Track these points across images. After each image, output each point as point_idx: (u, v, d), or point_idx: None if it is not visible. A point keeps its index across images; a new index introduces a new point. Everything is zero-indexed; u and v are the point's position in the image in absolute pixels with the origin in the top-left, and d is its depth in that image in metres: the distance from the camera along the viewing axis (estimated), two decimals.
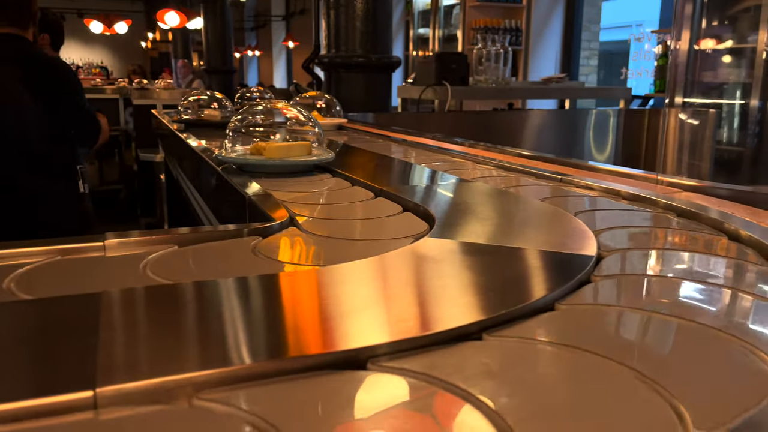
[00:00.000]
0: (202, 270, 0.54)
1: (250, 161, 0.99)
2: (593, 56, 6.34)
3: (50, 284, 0.50)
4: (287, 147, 1.02)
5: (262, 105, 1.12)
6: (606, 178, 0.94)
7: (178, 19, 7.97)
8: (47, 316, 0.40)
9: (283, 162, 0.99)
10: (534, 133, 2.89)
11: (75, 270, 0.53)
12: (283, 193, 0.83)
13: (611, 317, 0.41)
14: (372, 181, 0.89)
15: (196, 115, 1.92)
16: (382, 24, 2.58)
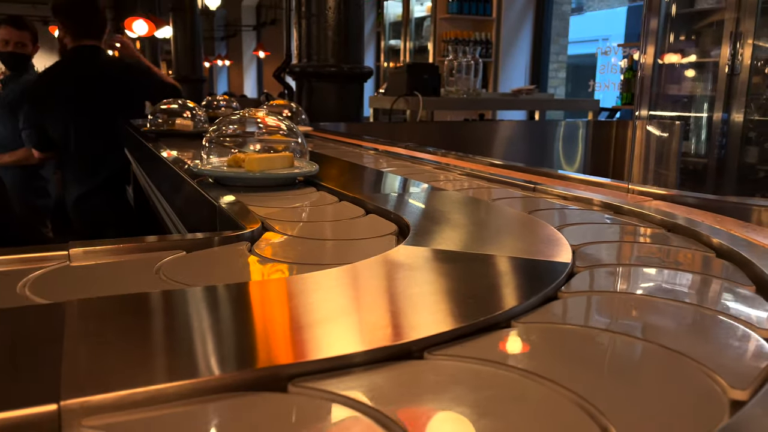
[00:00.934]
0: (166, 278, 0.53)
1: (228, 174, 0.93)
2: (562, 69, 6.46)
3: (16, 293, 0.48)
4: (268, 159, 0.96)
5: (241, 114, 1.06)
6: (578, 187, 0.95)
7: (146, 27, 7.87)
8: (9, 326, 0.38)
9: (264, 175, 0.92)
10: (505, 144, 2.92)
11: (42, 279, 0.51)
12: (264, 209, 0.78)
13: (568, 336, 0.39)
14: (359, 194, 0.85)
15: (167, 125, 1.85)
16: (354, 34, 2.59)
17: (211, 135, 1.02)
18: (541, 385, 0.32)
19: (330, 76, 2.55)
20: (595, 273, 0.52)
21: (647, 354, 0.36)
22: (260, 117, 1.05)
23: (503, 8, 6.10)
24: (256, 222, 0.67)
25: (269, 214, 0.74)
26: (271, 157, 0.97)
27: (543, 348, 0.37)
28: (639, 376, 0.34)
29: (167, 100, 1.95)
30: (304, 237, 0.65)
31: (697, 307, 0.44)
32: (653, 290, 0.48)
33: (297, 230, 0.68)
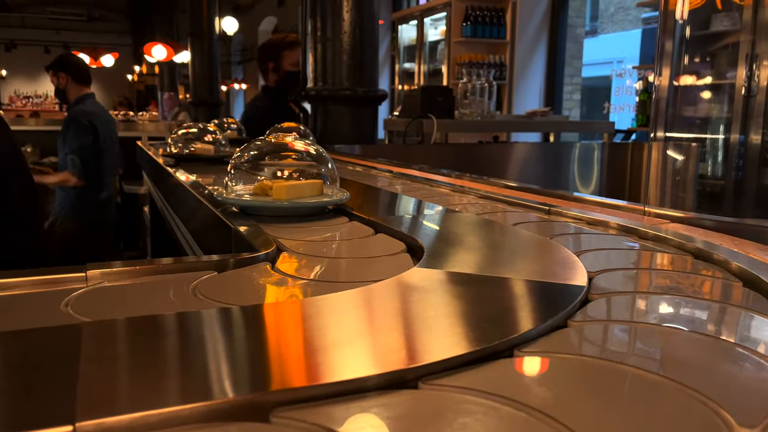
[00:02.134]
0: (182, 300, 0.53)
1: (254, 203, 0.87)
2: (576, 91, 6.46)
3: (32, 314, 0.49)
4: (297, 186, 0.89)
5: (268, 139, 1.00)
6: (594, 209, 0.94)
7: (165, 52, 8.03)
8: (26, 347, 0.38)
9: (293, 204, 0.87)
10: (519, 166, 2.91)
11: (57, 301, 0.51)
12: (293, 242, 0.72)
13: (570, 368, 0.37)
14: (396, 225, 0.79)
15: (188, 149, 1.78)
16: (368, 58, 2.62)
17: (235, 161, 0.96)
18: (537, 420, 0.30)
19: (345, 99, 2.58)
20: (608, 301, 0.50)
21: (652, 388, 0.34)
22: (288, 142, 0.99)
23: (517, 31, 6.13)
24: (271, 244, 0.67)
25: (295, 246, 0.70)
26: (300, 184, 0.90)
27: (542, 380, 0.36)
28: (641, 411, 0.32)
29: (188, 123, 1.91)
30: (328, 281, 0.65)
31: (714, 339, 0.42)
32: (668, 320, 0.46)
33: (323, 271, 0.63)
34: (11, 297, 0.52)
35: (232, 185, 0.94)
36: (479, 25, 6.08)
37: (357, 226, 0.83)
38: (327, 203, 0.89)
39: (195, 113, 6.59)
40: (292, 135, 1.02)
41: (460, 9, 6.07)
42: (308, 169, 0.96)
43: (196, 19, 6.80)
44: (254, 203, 0.87)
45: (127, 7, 14.74)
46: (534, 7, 6.21)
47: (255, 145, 0.98)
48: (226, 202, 0.90)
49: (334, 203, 0.90)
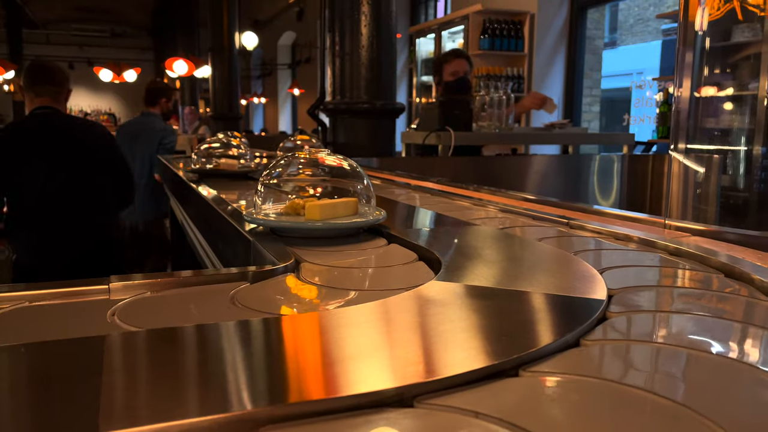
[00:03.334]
0: (203, 312, 0.54)
1: (285, 224, 0.82)
2: (595, 103, 6.43)
3: (55, 327, 0.50)
4: (331, 205, 0.83)
5: (300, 154, 0.93)
6: (614, 222, 0.93)
7: (186, 67, 8.15)
8: (50, 359, 0.39)
9: (327, 225, 0.81)
10: (538, 178, 2.90)
11: (79, 312, 0.52)
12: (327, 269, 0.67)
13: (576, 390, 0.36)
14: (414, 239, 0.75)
15: (212, 164, 1.74)
16: (386, 72, 2.63)
17: (265, 178, 0.90)
18: None
19: (363, 113, 2.60)
20: (626, 318, 0.49)
21: (660, 414, 0.33)
22: (320, 157, 0.92)
23: (535, 44, 6.13)
24: (289, 257, 0.68)
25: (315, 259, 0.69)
26: (333, 203, 0.84)
27: (547, 402, 0.35)
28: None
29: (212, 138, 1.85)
30: (344, 289, 0.65)
31: (732, 361, 0.40)
32: (688, 341, 0.44)
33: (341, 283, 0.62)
34: (39, 308, 0.53)
35: (261, 204, 0.88)
36: (497, 37, 6.09)
37: (398, 250, 0.76)
38: (362, 224, 0.83)
39: (215, 127, 6.67)
40: (325, 150, 0.93)
41: (477, 22, 6.09)
42: (342, 186, 0.89)
43: (216, 35, 6.91)
44: (284, 224, 0.82)
45: (149, 23, 15.02)
46: (552, 19, 6.21)
47: (285, 161, 0.92)
48: (255, 222, 0.84)
49: (369, 224, 0.84)
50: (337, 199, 0.86)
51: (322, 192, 0.89)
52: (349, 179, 0.90)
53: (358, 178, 0.90)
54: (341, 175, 0.90)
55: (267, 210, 0.87)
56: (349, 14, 2.53)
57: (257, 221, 0.84)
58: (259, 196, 0.89)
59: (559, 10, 6.23)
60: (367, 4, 2.51)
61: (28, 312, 0.52)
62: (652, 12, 10.56)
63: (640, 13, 11.52)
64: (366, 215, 0.85)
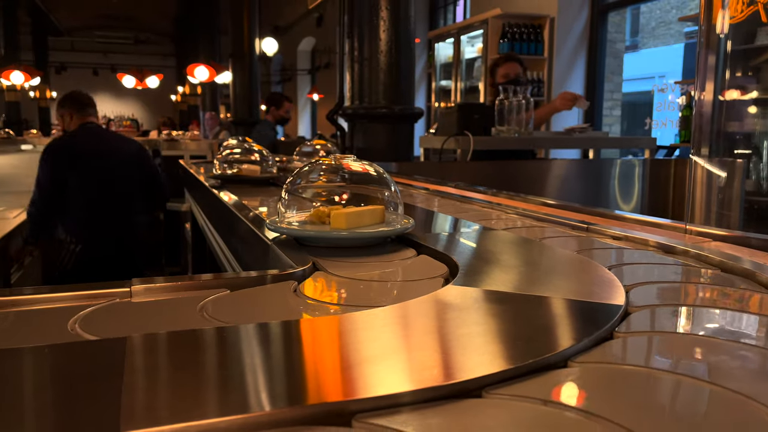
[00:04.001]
0: (221, 315, 0.54)
1: (309, 234, 0.79)
2: (616, 107, 6.37)
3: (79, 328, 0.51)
4: (357, 214, 0.80)
5: (323, 161, 0.90)
6: (633, 228, 0.93)
7: (207, 73, 8.25)
8: (73, 360, 0.40)
9: (353, 234, 0.78)
10: (558, 183, 2.88)
11: (102, 315, 0.53)
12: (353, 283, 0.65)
13: (627, 377, 0.38)
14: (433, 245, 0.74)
15: (234, 169, 1.73)
16: (405, 76, 2.64)
17: (288, 186, 0.88)
18: (602, 426, 0.31)
19: (381, 117, 2.60)
20: (649, 313, 0.50)
21: (710, 397, 0.35)
22: (345, 164, 0.89)
23: (555, 48, 6.10)
24: (307, 261, 0.68)
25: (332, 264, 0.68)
26: (360, 212, 0.81)
27: (602, 388, 0.37)
28: (702, 419, 0.33)
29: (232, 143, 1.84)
30: (363, 296, 0.66)
31: (762, 350, 0.42)
32: (713, 331, 0.46)
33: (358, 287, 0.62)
34: (61, 309, 0.54)
35: (285, 212, 0.86)
36: (516, 41, 6.07)
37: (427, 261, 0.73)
38: (389, 233, 0.80)
39: (235, 132, 6.73)
40: (351, 156, 0.90)
41: (497, 26, 6.07)
42: (369, 193, 0.86)
43: (237, 41, 6.99)
44: (308, 233, 0.79)
45: (171, 30, 15.23)
46: (572, 23, 6.18)
47: (309, 167, 0.90)
48: (279, 230, 0.81)
49: (397, 233, 0.81)
50: (364, 207, 0.83)
51: (348, 199, 0.85)
52: (376, 186, 0.87)
53: (385, 184, 0.87)
54: (367, 182, 0.88)
55: (291, 218, 0.85)
56: (368, 19, 2.54)
57: (280, 230, 0.81)
58: (282, 203, 0.86)
59: (579, 13, 6.19)
60: (386, 9, 2.52)
61: (47, 313, 0.53)
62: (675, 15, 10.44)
63: (662, 15, 11.41)
64: (393, 223, 0.83)
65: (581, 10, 6.17)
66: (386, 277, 0.68)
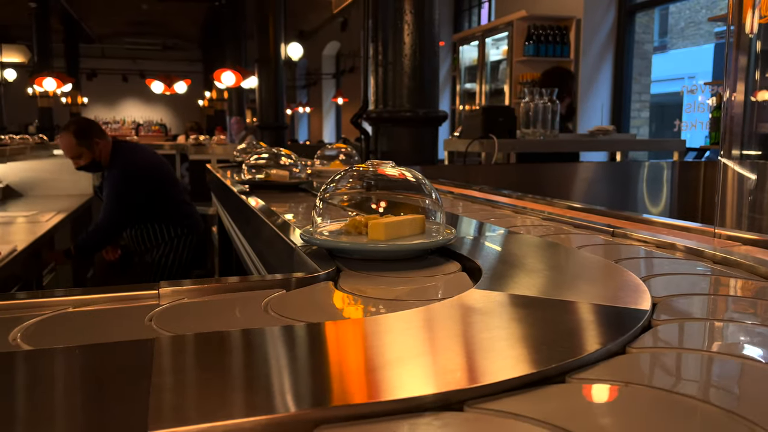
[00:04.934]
0: (247, 317, 0.55)
1: (344, 245, 0.74)
2: (645, 108, 6.28)
3: (109, 330, 0.52)
4: (397, 223, 0.76)
5: (361, 167, 0.84)
6: (660, 231, 0.91)
7: (234, 78, 8.35)
8: (102, 360, 0.41)
9: (391, 246, 0.73)
10: (584, 186, 2.85)
11: (129, 316, 0.55)
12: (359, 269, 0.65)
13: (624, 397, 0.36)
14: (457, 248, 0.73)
15: (262, 175, 1.70)
16: (429, 80, 2.64)
17: (323, 194, 0.83)
18: None
19: (405, 121, 2.61)
20: (671, 328, 0.49)
21: (710, 421, 0.33)
22: (382, 170, 0.83)
23: (581, 50, 6.04)
24: (331, 264, 0.69)
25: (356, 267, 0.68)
26: (399, 222, 0.76)
27: (594, 409, 0.35)
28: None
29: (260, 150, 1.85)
30: (387, 299, 0.66)
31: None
32: (735, 349, 0.44)
33: (382, 290, 0.64)
34: (92, 312, 0.55)
35: (319, 221, 0.81)
36: (542, 43, 6.02)
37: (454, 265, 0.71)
38: (430, 245, 0.75)
39: (261, 136, 6.80)
40: (389, 162, 0.84)
41: (522, 28, 6.03)
42: (408, 201, 0.81)
43: (263, 46, 7.05)
44: (344, 245, 0.74)
45: (198, 36, 15.46)
46: (599, 24, 6.11)
47: (345, 174, 0.84)
48: (312, 242, 0.77)
49: (438, 245, 0.76)
50: (403, 216, 0.78)
51: (386, 208, 0.80)
52: (415, 193, 0.82)
53: (425, 192, 0.82)
54: (406, 189, 0.82)
55: (326, 228, 0.81)
56: (392, 23, 2.55)
57: (314, 241, 0.76)
58: (317, 212, 0.82)
59: (606, 14, 6.12)
60: (410, 13, 2.53)
61: (82, 316, 0.55)
62: (704, 15, 10.26)
63: (691, 16, 11.21)
64: (434, 234, 0.78)
65: (608, 10, 6.10)
66: (410, 279, 0.68)
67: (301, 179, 1.69)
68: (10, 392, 0.37)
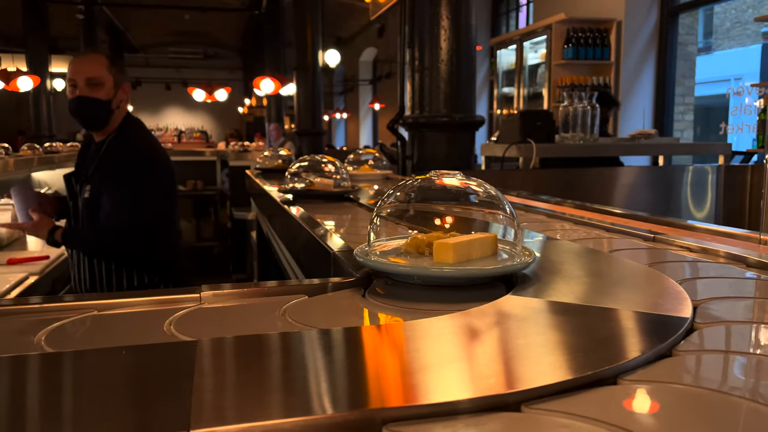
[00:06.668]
0: (285, 321, 0.56)
1: (407, 271, 0.64)
2: (688, 111, 6.12)
3: (149, 331, 0.54)
4: (466, 244, 0.65)
5: (421, 178, 0.74)
6: (703, 237, 0.89)
7: (273, 86, 8.47)
8: (147, 361, 0.42)
9: (459, 272, 0.62)
10: (625, 191, 2.79)
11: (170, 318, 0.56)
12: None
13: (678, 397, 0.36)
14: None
15: (305, 184, 1.62)
16: (466, 85, 2.63)
17: (380, 209, 0.74)
18: None
19: (441, 126, 2.60)
20: (715, 330, 0.48)
21: (760, 419, 0.33)
22: (445, 182, 0.73)
23: (622, 52, 5.93)
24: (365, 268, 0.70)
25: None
26: (468, 242, 0.66)
27: (650, 408, 0.35)
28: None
29: (306, 156, 1.76)
30: (423, 306, 0.66)
31: None
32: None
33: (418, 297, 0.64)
34: (136, 314, 0.57)
35: (375, 238, 0.72)
36: (581, 46, 5.93)
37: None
38: (505, 270, 0.63)
39: (299, 142, 6.88)
40: (455, 173, 0.73)
41: (561, 31, 5.96)
42: (477, 216, 0.72)
43: (301, 53, 7.14)
44: (406, 270, 0.64)
45: (239, 44, 15.74)
46: (641, 25, 5.99)
47: (405, 186, 0.75)
48: (367, 264, 0.66)
49: (514, 270, 0.64)
50: (472, 235, 0.68)
51: (451, 225, 0.70)
52: (485, 208, 0.71)
53: (498, 205, 0.71)
54: (475, 203, 0.72)
55: (382, 246, 0.71)
56: (429, 29, 2.55)
57: (368, 263, 0.66)
58: (373, 229, 0.72)
59: (648, 15, 6.00)
60: (447, 18, 2.53)
61: (127, 317, 0.57)
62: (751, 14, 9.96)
63: (737, 15, 10.89)
64: (510, 257, 0.68)
65: (650, 12, 5.98)
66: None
67: (346, 188, 1.60)
68: (61, 390, 0.38)
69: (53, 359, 0.44)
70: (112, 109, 1.99)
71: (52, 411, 0.35)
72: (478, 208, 0.72)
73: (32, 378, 0.41)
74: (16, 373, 0.41)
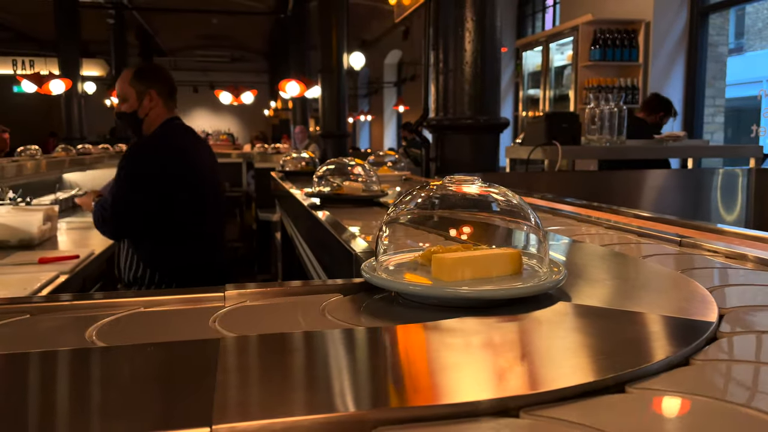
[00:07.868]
0: (308, 320, 0.56)
1: (416, 290, 0.57)
2: (719, 113, 6.01)
3: (177, 329, 0.55)
4: (485, 259, 0.59)
5: (437, 184, 0.68)
6: (732, 241, 0.88)
7: (298, 88, 8.53)
8: (172, 358, 0.43)
9: (479, 294, 0.55)
10: (653, 194, 2.75)
11: (197, 316, 0.57)
12: None
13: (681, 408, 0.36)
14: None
15: (333, 188, 1.57)
16: (490, 87, 2.62)
17: (391, 215, 0.68)
18: None
19: (466, 128, 2.59)
20: (738, 340, 0.47)
21: None
22: (462, 189, 0.66)
23: (651, 53, 5.84)
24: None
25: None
26: (485, 256, 0.60)
27: (652, 418, 0.35)
28: None
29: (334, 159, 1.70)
30: (446, 307, 0.66)
31: None
32: None
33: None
34: (161, 312, 0.58)
35: (384, 250, 0.66)
36: (609, 48, 5.86)
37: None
38: (530, 291, 0.55)
39: (324, 145, 6.92)
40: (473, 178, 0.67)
41: (588, 33, 5.90)
42: (497, 228, 0.66)
43: (326, 56, 7.18)
44: (410, 289, 0.58)
45: (265, 47, 15.89)
46: (670, 26, 5.90)
47: (418, 193, 0.68)
48: (373, 281, 0.60)
49: (542, 290, 0.56)
50: (491, 249, 0.62)
51: (470, 235, 0.64)
52: (508, 217, 0.65)
53: (520, 215, 0.64)
54: (496, 212, 0.66)
55: (393, 260, 0.66)
56: (453, 31, 2.55)
57: (374, 280, 0.60)
58: (381, 237, 0.66)
59: (677, 16, 5.90)
60: (472, 20, 2.52)
61: (152, 315, 0.58)
62: None
63: None
64: (535, 276, 0.60)
65: (679, 12, 5.88)
66: None
67: (375, 192, 1.53)
68: (88, 384, 0.39)
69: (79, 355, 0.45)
70: (140, 117, 2.17)
71: (84, 402, 0.36)
72: (500, 218, 0.65)
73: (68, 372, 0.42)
74: (73, 365, 0.42)
